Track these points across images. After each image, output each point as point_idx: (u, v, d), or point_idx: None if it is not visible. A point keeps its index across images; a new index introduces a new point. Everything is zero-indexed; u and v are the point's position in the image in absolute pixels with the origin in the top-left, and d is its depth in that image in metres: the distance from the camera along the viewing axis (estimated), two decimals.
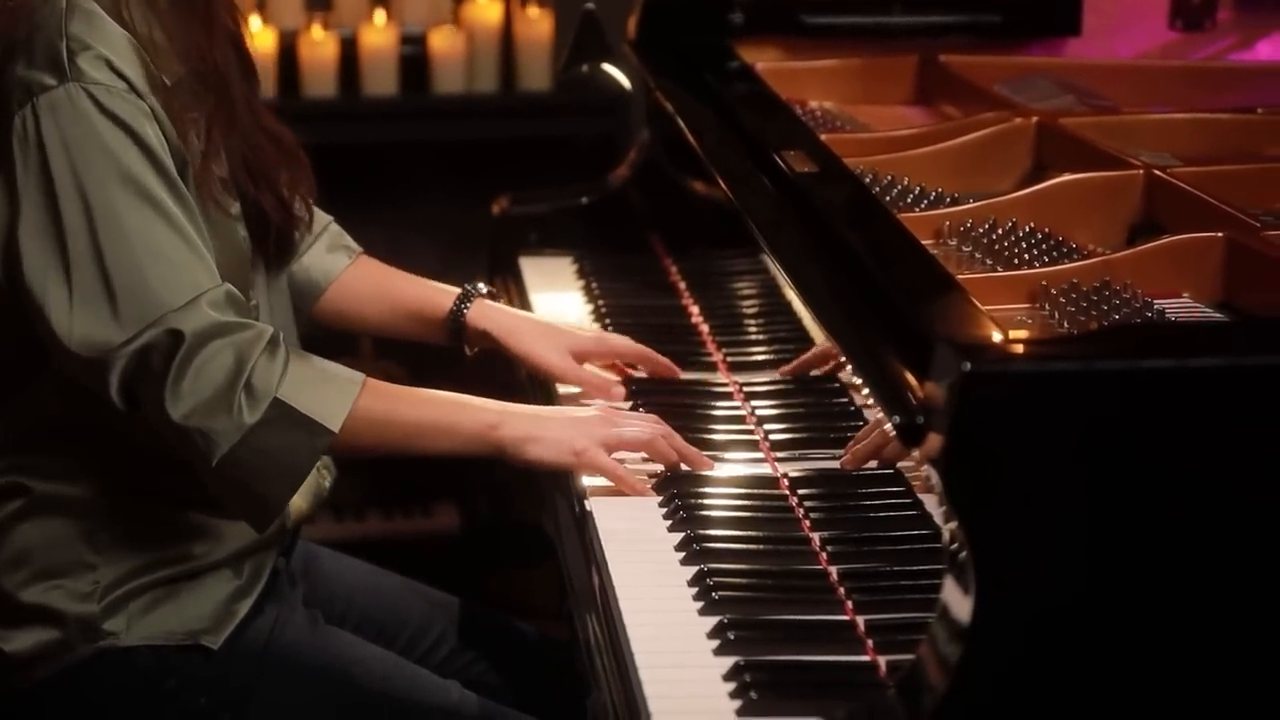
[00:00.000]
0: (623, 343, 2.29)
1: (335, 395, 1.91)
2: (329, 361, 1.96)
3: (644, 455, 2.01)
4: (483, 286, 2.30)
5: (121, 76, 1.89)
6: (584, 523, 1.95)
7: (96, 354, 1.88)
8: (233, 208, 2.02)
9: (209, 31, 1.99)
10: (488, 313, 2.27)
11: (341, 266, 2.30)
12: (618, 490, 1.97)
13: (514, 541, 3.57)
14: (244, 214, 2.04)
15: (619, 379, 2.25)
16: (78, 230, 1.88)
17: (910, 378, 1.58)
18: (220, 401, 1.87)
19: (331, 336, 2.34)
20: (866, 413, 2.11)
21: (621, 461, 1.99)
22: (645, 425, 2.01)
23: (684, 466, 2.01)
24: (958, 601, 1.45)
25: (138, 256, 1.88)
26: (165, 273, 1.88)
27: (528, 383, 2.32)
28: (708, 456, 2.03)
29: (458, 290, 2.29)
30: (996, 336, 1.53)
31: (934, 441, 1.46)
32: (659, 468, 2.01)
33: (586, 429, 1.98)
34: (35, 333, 1.92)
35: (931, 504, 1.84)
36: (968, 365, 1.41)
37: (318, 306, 2.30)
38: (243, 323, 1.91)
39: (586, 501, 1.96)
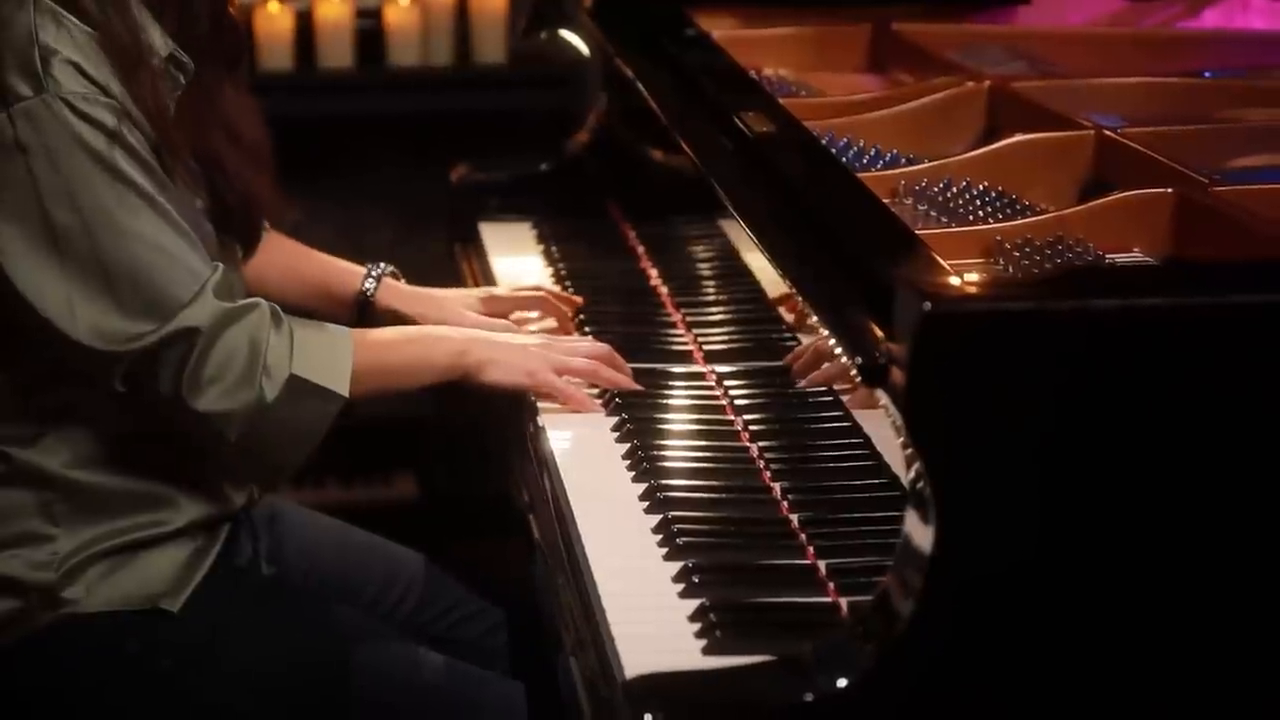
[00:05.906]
0: (514, 296, 2.38)
1: (339, 358, 1.97)
2: (317, 322, 2.01)
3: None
4: (387, 266, 2.37)
5: (93, 81, 1.91)
6: (551, 482, 1.97)
7: (105, 347, 1.91)
8: (198, 201, 2.03)
9: (192, 19, 2.01)
10: (395, 292, 2.36)
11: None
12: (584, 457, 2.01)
13: (473, 511, 3.58)
14: (208, 202, 2.06)
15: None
16: (71, 231, 1.89)
17: (872, 324, 1.61)
18: (240, 386, 1.92)
19: None
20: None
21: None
22: (590, 348, 2.13)
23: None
24: (920, 534, 1.49)
25: (137, 252, 1.90)
26: (167, 266, 1.91)
27: None
28: (670, 414, 2.09)
29: (363, 270, 2.36)
30: (954, 280, 1.57)
31: (896, 380, 1.50)
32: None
33: (539, 354, 2.10)
34: (12, 319, 1.93)
35: (894, 452, 1.87)
36: (928, 306, 1.45)
37: None
38: (248, 304, 1.95)
39: (552, 461, 2.00)
